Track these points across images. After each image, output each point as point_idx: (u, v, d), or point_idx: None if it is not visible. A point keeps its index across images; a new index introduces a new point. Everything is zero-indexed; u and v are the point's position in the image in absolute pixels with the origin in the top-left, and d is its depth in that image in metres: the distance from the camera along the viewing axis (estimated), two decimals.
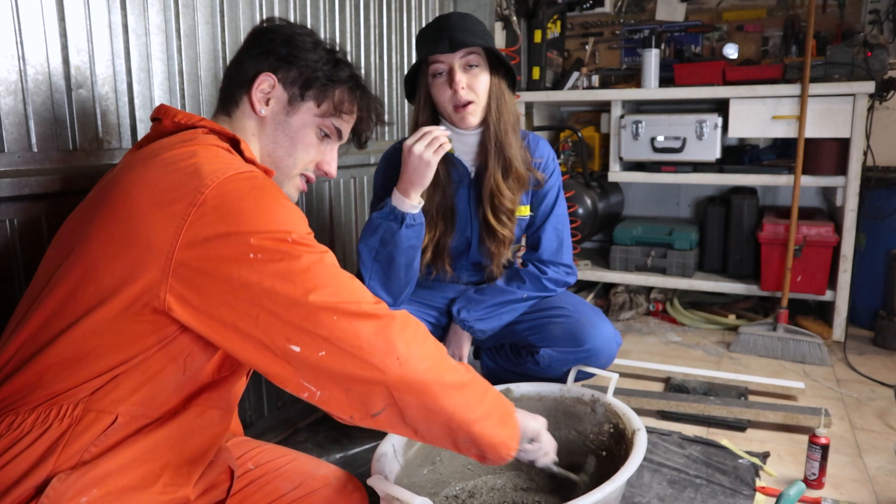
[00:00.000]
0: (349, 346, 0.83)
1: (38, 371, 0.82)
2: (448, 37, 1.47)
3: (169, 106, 0.99)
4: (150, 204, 0.82)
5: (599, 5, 3.31)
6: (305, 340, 0.82)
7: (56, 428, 0.80)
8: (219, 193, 0.82)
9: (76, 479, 0.79)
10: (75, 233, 0.88)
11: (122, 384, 0.83)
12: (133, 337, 0.82)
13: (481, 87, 1.52)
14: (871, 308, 2.62)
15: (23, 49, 1.15)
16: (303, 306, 0.81)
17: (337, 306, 0.83)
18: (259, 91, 1.02)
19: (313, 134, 1.06)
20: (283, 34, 1.06)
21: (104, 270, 0.82)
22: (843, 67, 2.50)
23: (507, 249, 1.68)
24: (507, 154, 1.58)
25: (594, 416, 1.43)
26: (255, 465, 1.12)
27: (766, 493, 1.48)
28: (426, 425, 0.90)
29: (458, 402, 0.91)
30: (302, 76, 1.03)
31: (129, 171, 0.87)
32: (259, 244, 0.81)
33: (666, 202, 3.34)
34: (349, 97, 1.08)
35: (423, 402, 0.88)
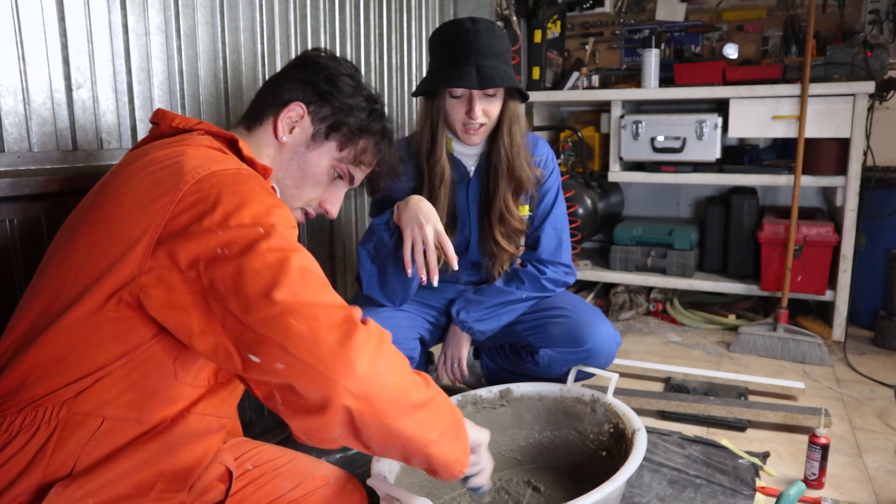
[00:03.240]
0: (309, 357, 0.74)
1: (22, 372, 0.81)
2: (475, 63, 1.45)
3: (167, 111, 0.99)
4: (133, 203, 0.82)
5: (599, 5, 3.31)
6: (263, 349, 0.75)
7: (44, 431, 0.79)
8: (198, 189, 0.80)
9: (73, 491, 0.78)
10: (65, 236, 0.89)
11: (108, 386, 0.82)
12: (114, 337, 0.81)
13: (495, 111, 1.54)
14: (871, 308, 2.62)
15: (23, 49, 1.15)
16: (262, 307, 0.75)
17: (297, 309, 0.75)
18: (287, 117, 1.03)
19: (326, 173, 1.07)
20: (329, 71, 1.07)
21: (85, 269, 0.81)
22: (843, 67, 2.50)
23: (507, 258, 1.68)
24: (517, 175, 1.60)
25: (594, 416, 1.43)
26: (254, 465, 1.12)
27: (766, 493, 1.48)
28: (381, 446, 0.83)
29: (418, 423, 0.83)
30: (333, 116, 1.05)
31: (119, 174, 0.88)
32: (227, 239, 0.77)
33: (666, 202, 3.34)
34: (373, 150, 1.10)
35: (384, 424, 0.79)
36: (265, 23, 1.67)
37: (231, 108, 1.59)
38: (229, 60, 1.58)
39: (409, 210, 1.44)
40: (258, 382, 0.78)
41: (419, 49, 2.41)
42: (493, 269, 1.70)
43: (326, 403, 0.75)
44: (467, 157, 1.63)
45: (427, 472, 0.93)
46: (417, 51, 2.40)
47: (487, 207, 1.63)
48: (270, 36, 1.69)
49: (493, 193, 1.61)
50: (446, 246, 1.43)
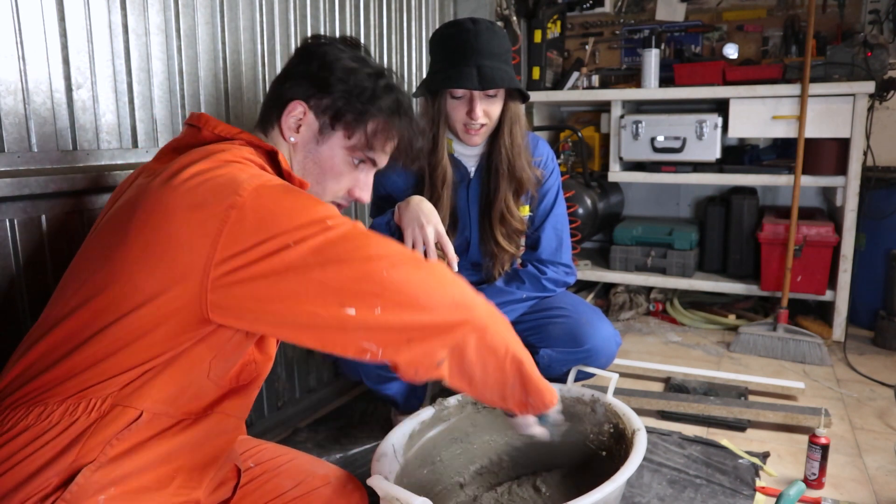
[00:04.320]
0: (404, 297, 0.83)
1: (69, 366, 0.83)
2: (476, 64, 1.45)
3: (209, 116, 0.98)
4: (186, 209, 0.82)
5: (599, 5, 3.31)
6: (358, 301, 0.81)
7: (83, 420, 0.81)
8: (256, 197, 0.82)
9: (100, 477, 0.80)
10: (110, 238, 0.87)
11: (151, 380, 0.84)
12: (165, 339, 0.83)
13: (496, 111, 1.54)
14: (871, 308, 2.62)
15: (23, 49, 1.15)
16: (349, 266, 0.81)
17: (383, 260, 0.83)
18: (290, 118, 1.01)
19: (343, 163, 1.04)
20: (324, 59, 1.02)
21: (143, 275, 0.82)
22: (843, 67, 2.50)
23: (508, 259, 1.68)
24: (518, 175, 1.60)
25: (594, 416, 1.42)
26: (256, 462, 1.12)
27: (766, 493, 1.48)
28: (482, 368, 0.92)
29: (511, 339, 0.95)
30: (334, 106, 1.01)
31: (165, 181, 0.86)
32: (296, 235, 0.81)
33: (666, 202, 3.34)
34: (383, 128, 1.04)
35: (483, 339, 0.90)
36: (265, 23, 1.67)
37: (231, 108, 1.59)
38: (229, 60, 1.58)
39: (410, 210, 1.44)
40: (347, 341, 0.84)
41: (419, 49, 2.41)
42: (494, 270, 1.70)
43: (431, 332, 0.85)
44: (468, 158, 1.63)
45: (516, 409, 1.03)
46: (417, 51, 2.40)
47: (488, 208, 1.63)
48: (270, 36, 1.69)
49: (493, 194, 1.61)
50: (447, 247, 1.43)
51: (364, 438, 1.78)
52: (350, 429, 1.85)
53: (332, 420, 1.92)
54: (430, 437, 1.36)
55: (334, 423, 1.89)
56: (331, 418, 1.93)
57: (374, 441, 1.75)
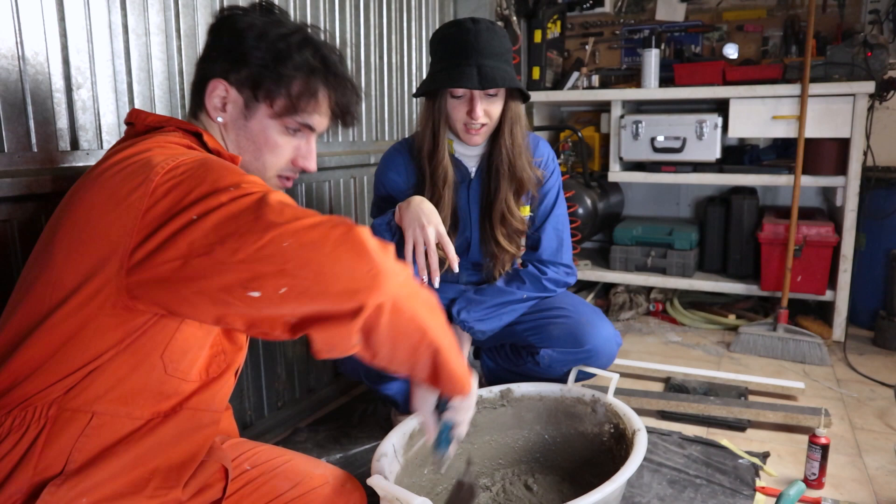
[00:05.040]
0: (309, 273, 0.74)
1: (11, 374, 0.81)
2: (476, 64, 1.45)
3: (141, 110, 0.97)
4: (106, 201, 0.81)
5: (599, 5, 3.31)
6: (261, 282, 0.74)
7: (33, 429, 0.80)
8: (168, 178, 0.80)
9: (67, 491, 0.78)
10: (45, 239, 0.88)
11: (96, 381, 0.82)
12: (100, 332, 0.81)
13: (496, 111, 1.53)
14: (871, 308, 2.62)
15: (23, 49, 1.15)
16: (249, 241, 0.74)
17: (284, 229, 0.74)
18: (213, 97, 0.97)
19: (277, 134, 0.99)
20: (233, 28, 0.96)
21: (66, 270, 0.81)
22: (843, 67, 2.50)
23: (509, 259, 1.68)
24: (519, 175, 1.59)
25: (595, 417, 1.43)
26: (252, 465, 1.11)
27: (766, 493, 1.48)
28: (391, 345, 0.83)
29: (432, 326, 0.85)
30: (252, 75, 0.95)
31: (90, 175, 0.87)
32: (199, 208, 0.77)
33: (666, 202, 3.34)
34: (306, 89, 0.97)
35: (398, 321, 0.80)
36: None
37: None
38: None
39: (410, 211, 1.44)
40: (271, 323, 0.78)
41: (419, 49, 2.41)
42: (494, 270, 1.70)
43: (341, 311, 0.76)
44: (468, 158, 1.63)
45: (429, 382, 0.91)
46: (417, 51, 2.40)
47: (489, 208, 1.63)
48: None
49: (494, 194, 1.61)
50: (447, 247, 1.43)
51: (364, 438, 1.78)
52: (350, 429, 1.85)
53: (332, 420, 1.92)
54: None
55: (334, 423, 1.89)
56: (331, 418, 1.93)
57: (374, 441, 1.75)
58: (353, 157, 2.04)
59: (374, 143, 2.18)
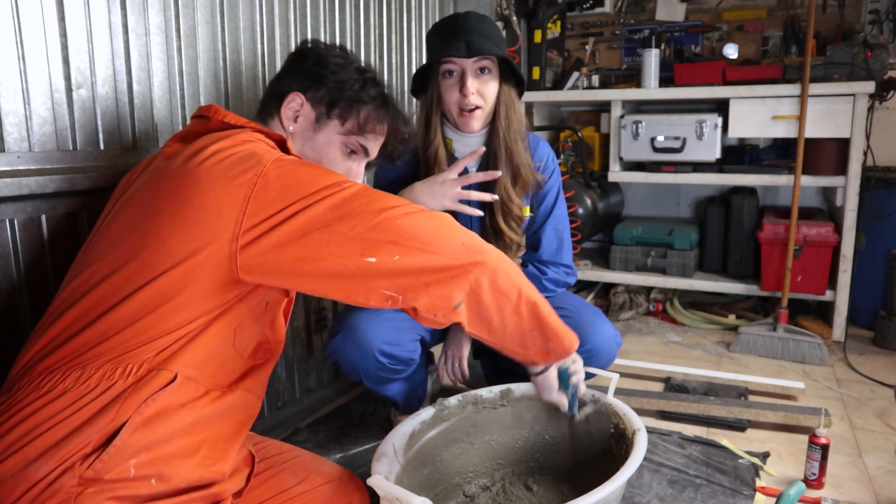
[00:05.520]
0: (418, 243, 0.91)
1: (103, 329, 0.88)
2: (465, 39, 1.46)
3: (218, 106, 1.06)
4: (216, 180, 0.90)
5: (599, 5, 3.31)
6: (377, 249, 0.90)
7: (120, 384, 0.86)
8: (278, 167, 0.92)
9: (135, 441, 0.84)
10: (137, 212, 0.93)
11: (185, 346, 0.89)
12: (196, 299, 0.89)
13: (490, 93, 1.52)
14: (871, 308, 2.62)
15: (23, 49, 1.15)
16: (366, 218, 0.90)
17: (395, 209, 0.92)
18: (288, 108, 1.11)
19: (338, 150, 1.13)
20: (318, 55, 1.15)
21: (175, 240, 0.88)
22: (843, 67, 2.50)
23: (512, 254, 1.67)
24: (516, 161, 1.59)
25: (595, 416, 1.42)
26: (261, 458, 1.13)
27: (766, 493, 1.48)
28: (499, 311, 1.00)
29: (527, 284, 1.03)
30: (329, 95, 1.11)
31: (190, 161, 0.93)
32: (315, 196, 0.90)
33: (666, 202, 3.34)
34: (375, 116, 1.14)
35: (496, 282, 0.98)
36: (265, 23, 1.67)
37: (231, 109, 1.59)
38: (229, 60, 1.58)
39: (413, 195, 1.45)
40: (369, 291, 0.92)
41: (419, 49, 2.41)
42: None
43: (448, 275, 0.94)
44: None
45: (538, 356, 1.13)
46: (417, 51, 2.40)
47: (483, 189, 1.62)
48: (270, 36, 1.69)
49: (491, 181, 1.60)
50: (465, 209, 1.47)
51: (364, 438, 1.78)
52: (350, 429, 1.85)
53: (332, 420, 1.92)
54: (431, 437, 1.36)
55: (334, 423, 1.89)
56: (331, 418, 1.93)
57: (374, 441, 1.75)
58: None
59: None
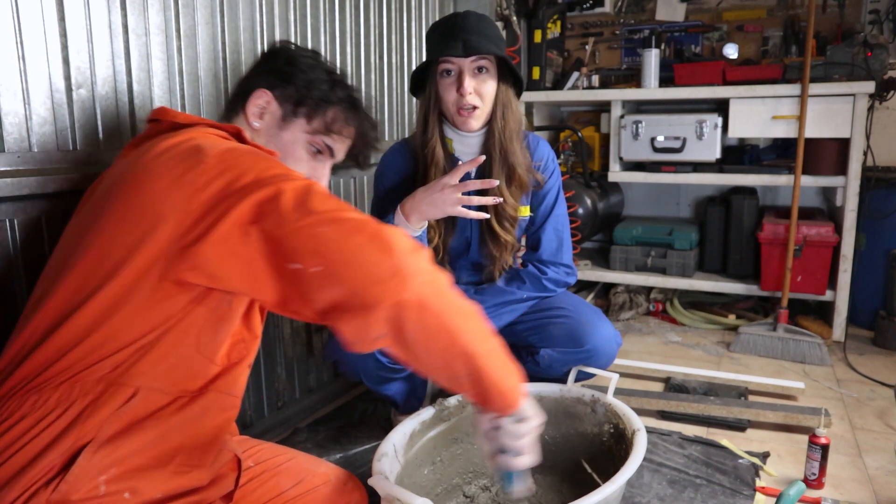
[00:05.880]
0: (341, 258, 0.79)
1: (57, 346, 0.85)
2: (463, 38, 1.46)
3: (169, 108, 1.04)
4: (158, 180, 0.87)
5: (599, 5, 3.31)
6: (301, 255, 0.80)
7: (79, 403, 0.83)
8: (221, 160, 0.87)
9: (100, 458, 0.82)
10: (87, 221, 0.92)
11: (143, 358, 0.86)
12: (146, 308, 0.85)
13: (488, 92, 1.52)
14: (871, 308, 2.62)
15: (23, 49, 1.15)
16: (289, 219, 0.81)
17: (325, 215, 0.81)
18: (254, 105, 1.09)
19: (303, 149, 1.10)
20: (288, 55, 1.13)
21: (119, 244, 0.86)
22: (843, 67, 2.50)
23: (508, 254, 1.67)
24: (510, 161, 1.58)
25: (594, 417, 1.42)
26: (255, 462, 1.13)
27: (766, 493, 1.48)
28: (424, 347, 0.83)
29: (463, 329, 0.84)
30: (297, 93, 1.09)
31: (136, 160, 0.92)
32: (251, 188, 0.84)
33: (666, 202, 3.34)
34: (342, 117, 1.12)
35: (425, 321, 0.81)
36: (265, 23, 1.67)
37: None
38: (229, 60, 1.58)
39: (414, 202, 1.44)
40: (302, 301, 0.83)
41: (419, 49, 2.41)
42: (495, 270, 1.69)
43: (368, 303, 0.79)
44: (468, 157, 1.63)
45: (474, 397, 0.89)
46: (417, 51, 2.40)
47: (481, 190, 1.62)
48: (270, 36, 1.69)
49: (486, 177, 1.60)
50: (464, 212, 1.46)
51: (364, 438, 1.78)
52: (350, 429, 1.85)
53: (332, 420, 1.92)
54: (431, 437, 1.36)
55: (334, 423, 1.89)
56: (331, 418, 1.93)
57: (375, 441, 1.75)
58: None
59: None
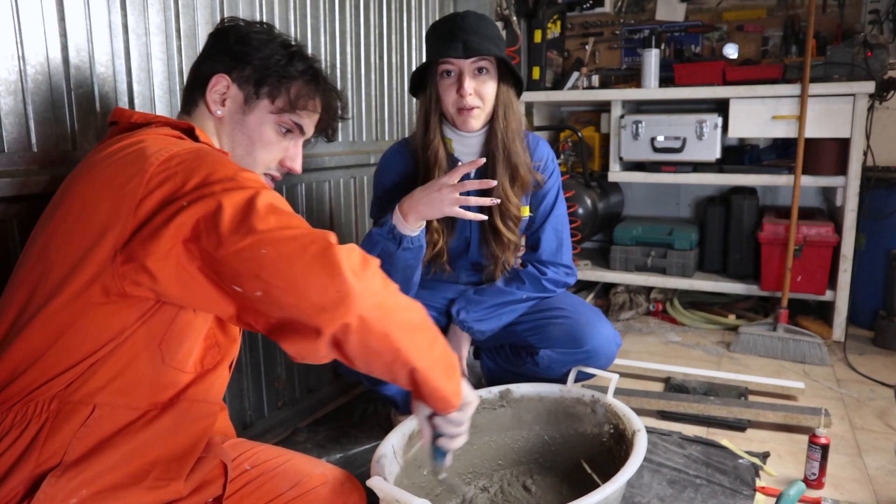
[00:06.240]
0: (283, 283, 0.77)
1: (9, 366, 0.82)
2: (463, 39, 1.46)
3: (125, 109, 1.01)
4: (102, 190, 0.83)
5: (599, 5, 3.31)
6: (241, 279, 0.78)
7: (34, 424, 0.80)
8: (164, 168, 0.83)
9: (66, 482, 0.79)
10: (36, 234, 0.90)
11: (96, 374, 0.83)
12: (98, 323, 0.83)
13: (488, 93, 1.52)
14: (871, 308, 2.62)
15: (23, 49, 1.15)
16: (227, 241, 0.77)
17: (264, 236, 0.77)
18: (214, 92, 1.03)
19: (272, 131, 1.06)
20: (239, 33, 1.06)
21: (62, 258, 0.83)
22: (843, 67, 2.50)
23: (511, 254, 1.67)
24: (513, 161, 1.58)
25: (594, 417, 1.43)
26: (252, 465, 1.12)
27: (766, 493, 1.48)
28: (364, 361, 0.85)
29: (406, 346, 0.85)
30: (255, 74, 1.03)
31: (81, 170, 0.90)
32: (193, 195, 0.80)
33: (666, 202, 3.34)
34: (306, 91, 1.07)
35: (368, 341, 0.81)
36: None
37: None
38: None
39: (412, 202, 1.44)
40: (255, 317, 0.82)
41: (419, 49, 2.41)
42: (496, 268, 1.69)
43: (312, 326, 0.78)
44: (468, 157, 1.63)
45: (415, 398, 0.95)
46: (417, 51, 2.40)
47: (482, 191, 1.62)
48: None
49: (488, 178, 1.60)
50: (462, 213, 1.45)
51: (364, 438, 1.78)
52: (350, 429, 1.85)
53: (332, 420, 1.92)
54: None
55: (334, 423, 1.89)
56: (331, 418, 1.93)
57: (374, 441, 1.75)
58: (352, 157, 2.04)
59: (374, 142, 2.18)
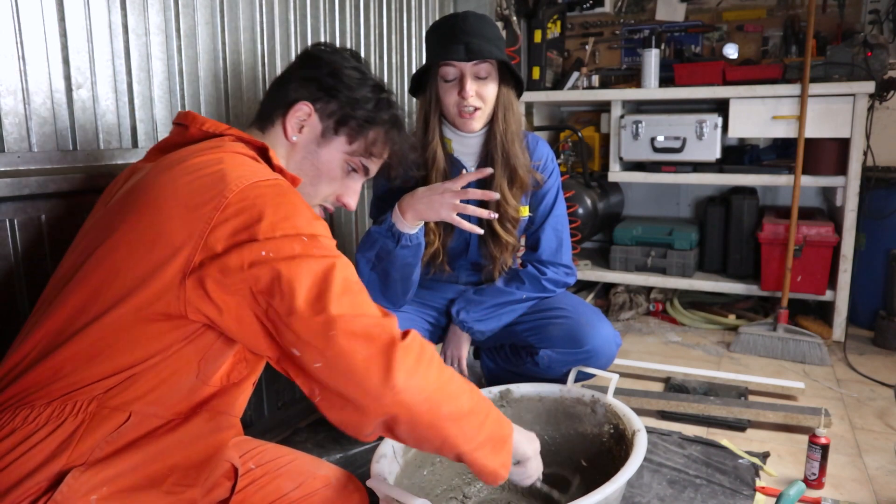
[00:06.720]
0: (343, 367, 0.81)
1: (54, 366, 0.83)
2: (464, 41, 1.46)
3: (196, 113, 1.01)
4: (177, 207, 0.84)
5: (599, 5, 3.31)
6: (303, 348, 0.81)
7: (70, 423, 0.81)
8: (242, 198, 0.83)
9: (89, 478, 0.80)
10: (100, 234, 0.89)
11: (137, 383, 0.84)
12: (151, 337, 0.84)
13: (489, 94, 1.52)
14: (871, 308, 2.62)
15: (23, 49, 1.15)
16: (301, 315, 0.80)
17: (336, 321, 0.81)
18: (295, 118, 1.04)
19: (339, 168, 1.07)
20: (332, 65, 1.07)
21: (128, 270, 0.83)
22: (843, 67, 2.50)
23: (509, 255, 1.67)
24: (512, 163, 1.58)
25: (594, 417, 1.42)
26: (256, 464, 1.12)
27: (766, 493, 1.48)
28: (415, 444, 0.91)
29: (453, 434, 0.90)
30: (340, 111, 1.05)
31: (158, 176, 0.89)
32: (274, 246, 0.81)
33: (666, 202, 3.34)
34: (383, 139, 1.10)
35: (416, 431, 0.87)
36: (265, 23, 1.67)
37: (231, 108, 1.59)
38: (229, 60, 1.58)
39: (413, 200, 1.44)
40: (297, 374, 0.85)
41: (419, 49, 2.41)
42: (494, 270, 1.69)
43: (361, 409, 0.83)
44: (467, 157, 1.63)
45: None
46: (417, 51, 2.40)
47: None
48: (270, 36, 1.69)
49: (489, 182, 1.60)
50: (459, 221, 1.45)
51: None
52: None
53: None
54: None
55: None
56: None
57: (374, 442, 1.75)
58: None
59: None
